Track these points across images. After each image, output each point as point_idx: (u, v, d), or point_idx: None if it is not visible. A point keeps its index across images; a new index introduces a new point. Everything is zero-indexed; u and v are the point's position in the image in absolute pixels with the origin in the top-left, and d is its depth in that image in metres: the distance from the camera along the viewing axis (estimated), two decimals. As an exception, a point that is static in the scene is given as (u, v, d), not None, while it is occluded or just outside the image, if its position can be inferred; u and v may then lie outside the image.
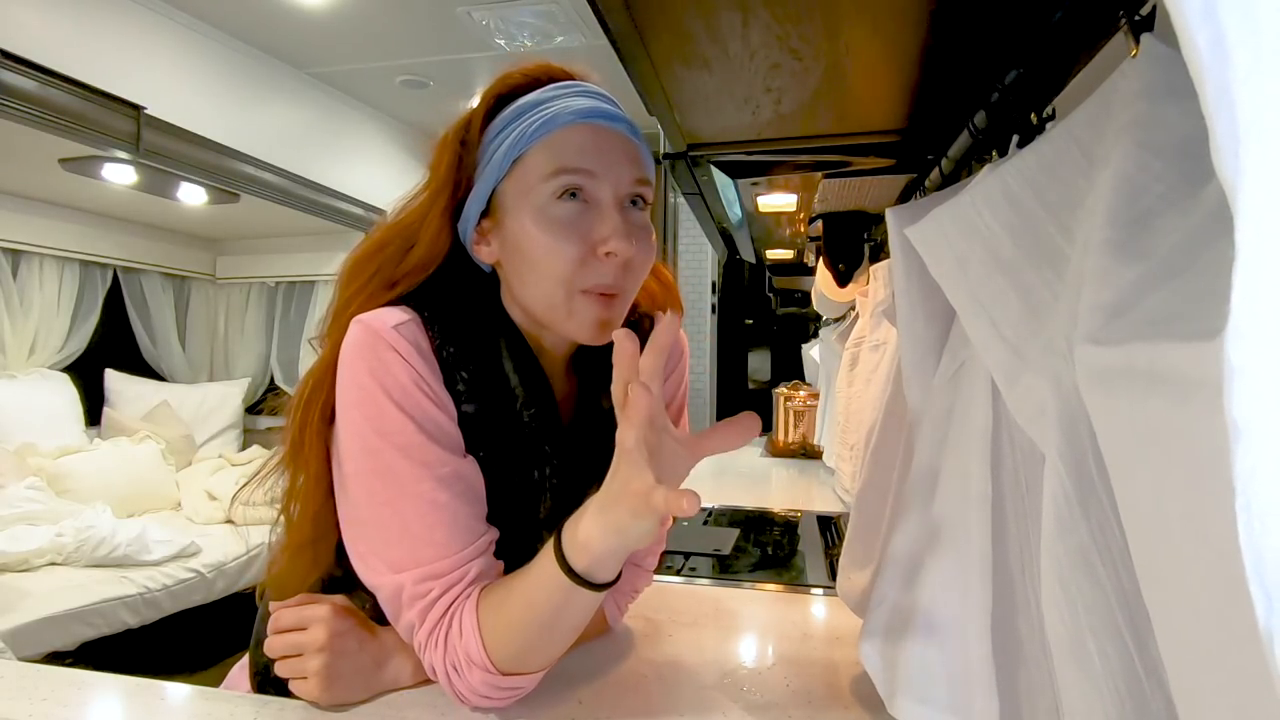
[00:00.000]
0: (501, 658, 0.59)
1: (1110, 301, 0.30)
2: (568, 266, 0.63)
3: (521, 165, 0.65)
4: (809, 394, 2.47)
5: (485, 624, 0.59)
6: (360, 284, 0.67)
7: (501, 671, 0.59)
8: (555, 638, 0.61)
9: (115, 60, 2.31)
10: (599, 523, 0.54)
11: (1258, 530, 0.16)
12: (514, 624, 0.58)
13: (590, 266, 0.63)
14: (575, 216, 0.63)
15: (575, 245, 0.63)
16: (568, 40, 2.62)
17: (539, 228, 0.63)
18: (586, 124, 0.64)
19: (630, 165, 0.65)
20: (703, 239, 4.35)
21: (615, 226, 0.62)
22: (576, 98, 0.65)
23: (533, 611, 0.58)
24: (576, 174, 0.63)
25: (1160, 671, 0.30)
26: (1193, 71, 0.18)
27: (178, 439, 3.38)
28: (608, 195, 0.64)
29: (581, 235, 0.63)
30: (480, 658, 0.59)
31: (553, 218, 0.63)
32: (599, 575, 0.57)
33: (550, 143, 0.64)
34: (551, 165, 0.63)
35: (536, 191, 0.63)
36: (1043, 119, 0.57)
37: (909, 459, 0.64)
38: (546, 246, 0.63)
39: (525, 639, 0.59)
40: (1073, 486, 0.34)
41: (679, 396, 0.83)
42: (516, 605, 0.59)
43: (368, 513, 0.62)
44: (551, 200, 0.63)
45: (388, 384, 0.61)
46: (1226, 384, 0.16)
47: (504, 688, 0.61)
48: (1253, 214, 0.17)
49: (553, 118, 0.64)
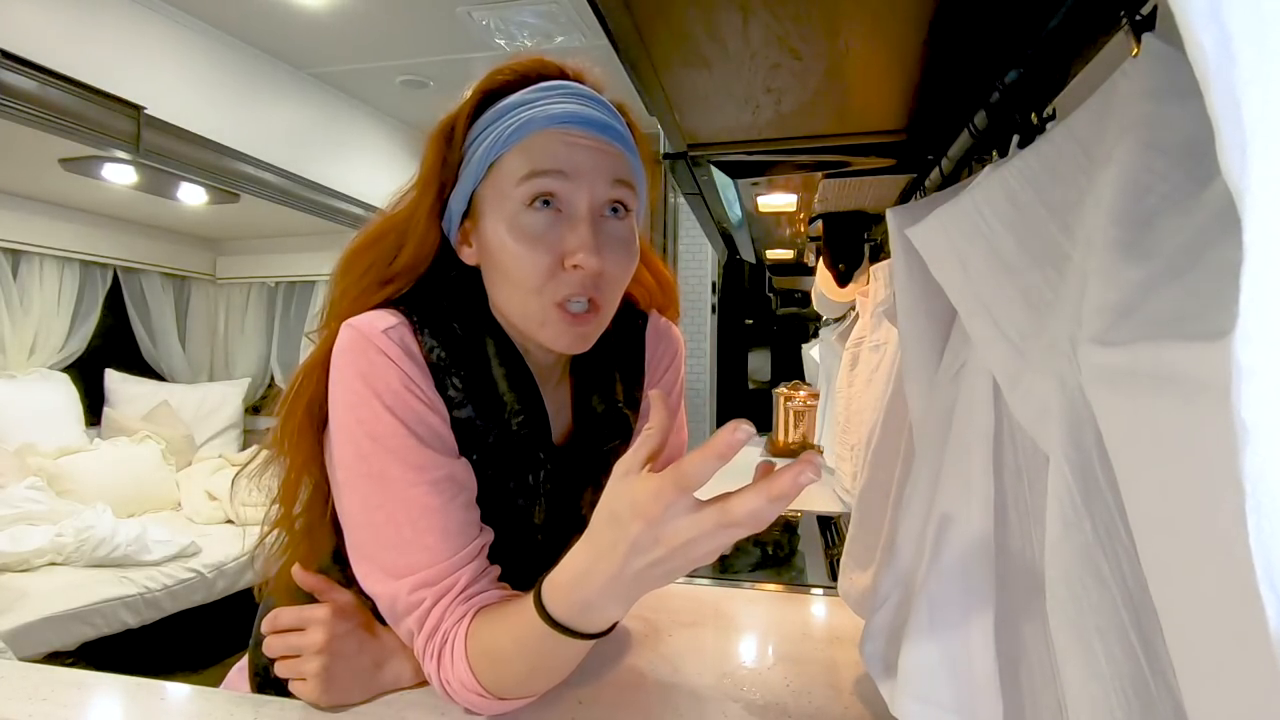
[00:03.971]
0: (493, 687, 0.59)
1: (1115, 302, 0.30)
2: (537, 278, 0.62)
3: (498, 169, 0.64)
4: (809, 394, 2.46)
5: (476, 660, 0.58)
6: (355, 277, 0.67)
7: (497, 696, 0.59)
8: (553, 673, 0.61)
9: (115, 60, 2.30)
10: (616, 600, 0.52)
11: (1267, 531, 0.15)
12: (506, 663, 0.58)
13: (559, 278, 0.62)
14: (546, 227, 0.62)
15: (544, 256, 0.61)
16: (568, 40, 2.62)
17: (511, 236, 0.62)
18: (562, 129, 0.63)
19: (607, 170, 0.63)
20: (703, 239, 4.35)
21: (583, 240, 0.61)
22: (557, 101, 0.64)
23: (523, 652, 0.57)
24: (548, 177, 0.62)
25: (1168, 673, 0.30)
26: (1198, 72, 0.18)
27: (178, 439, 3.38)
28: (582, 203, 0.62)
29: (550, 246, 0.62)
30: (473, 685, 0.58)
31: (523, 227, 0.62)
32: (600, 626, 0.55)
33: (525, 147, 0.63)
34: (524, 169, 0.62)
35: (510, 197, 0.62)
36: (1043, 119, 0.57)
37: (909, 459, 0.64)
38: (516, 255, 0.62)
39: (517, 676, 0.58)
40: (1077, 487, 0.34)
41: (674, 394, 0.83)
42: (507, 646, 0.57)
43: (362, 517, 0.62)
44: (523, 208, 0.62)
45: (378, 387, 0.61)
46: (1235, 385, 0.16)
47: (499, 707, 0.61)
48: (1260, 215, 0.17)
49: (528, 121, 0.62)
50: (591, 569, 0.51)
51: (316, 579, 0.68)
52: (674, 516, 0.46)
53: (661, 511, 0.46)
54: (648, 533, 0.47)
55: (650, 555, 0.48)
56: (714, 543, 0.47)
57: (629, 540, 0.48)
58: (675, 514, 0.46)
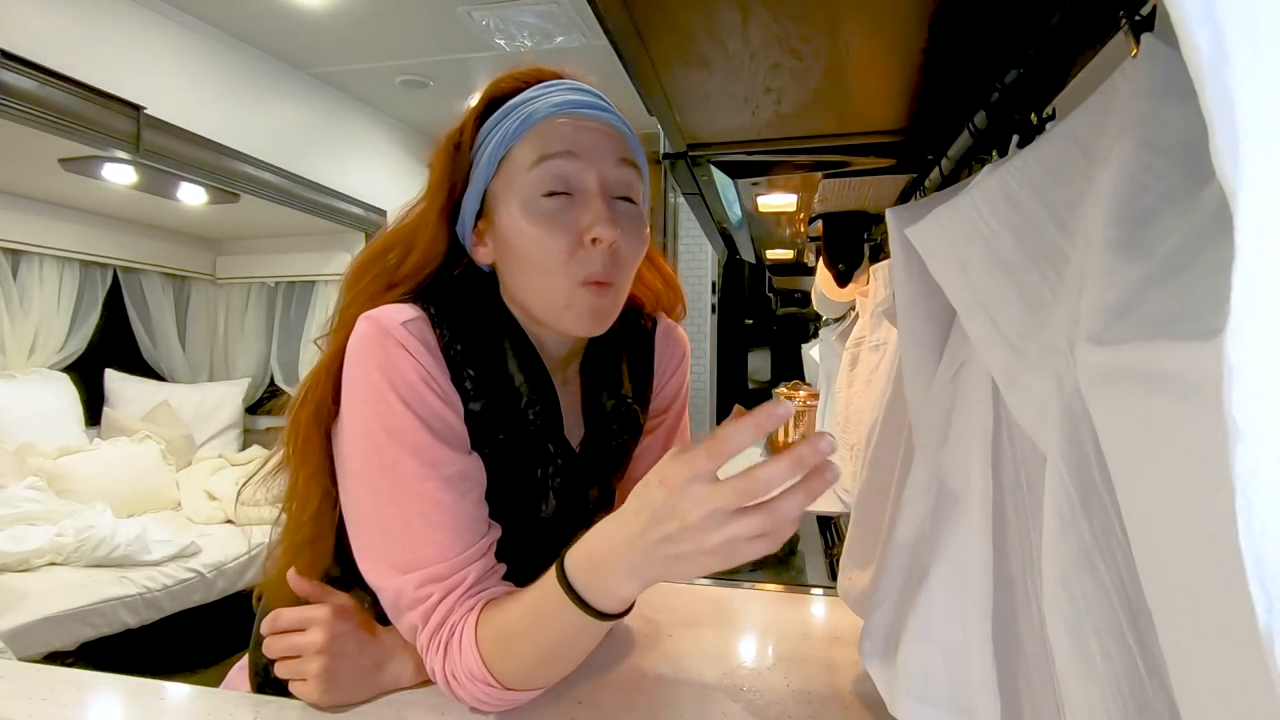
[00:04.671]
0: (504, 676, 0.59)
1: (1112, 301, 0.30)
2: (559, 258, 0.63)
3: (508, 162, 0.66)
4: (809, 394, 2.46)
5: (489, 647, 0.58)
6: (362, 286, 0.69)
7: (505, 686, 0.59)
8: (564, 661, 0.60)
9: (115, 60, 2.31)
10: (637, 580, 0.52)
11: (1258, 530, 0.16)
12: (519, 644, 0.58)
13: (580, 256, 0.63)
14: (561, 209, 0.64)
15: (563, 236, 0.63)
16: (568, 40, 2.62)
17: (528, 221, 0.64)
18: (566, 115, 0.65)
19: (612, 150, 0.66)
20: (703, 239, 4.35)
21: (599, 213, 0.63)
22: (558, 93, 0.66)
23: (536, 630, 0.57)
24: (558, 158, 0.64)
25: (1163, 672, 0.30)
26: (1193, 71, 0.18)
27: (178, 439, 3.38)
28: (592, 183, 0.64)
29: (567, 226, 0.63)
30: (482, 674, 0.58)
31: (539, 211, 0.64)
32: (613, 602, 0.55)
33: (533, 136, 0.65)
34: (534, 155, 0.64)
35: (523, 184, 0.64)
36: (1043, 119, 0.57)
37: (909, 459, 0.64)
38: (536, 239, 0.63)
39: (527, 659, 0.58)
40: (1074, 486, 0.34)
41: (680, 397, 0.84)
42: (521, 626, 0.57)
43: (371, 510, 0.62)
44: (537, 196, 0.64)
45: (396, 381, 0.61)
46: (1226, 384, 0.16)
47: (505, 699, 0.60)
48: (1252, 214, 0.17)
49: (533, 112, 0.65)
50: (613, 534, 0.52)
51: (312, 587, 0.68)
52: (694, 484, 0.46)
53: (685, 479, 0.46)
54: (667, 502, 0.47)
55: (666, 528, 0.47)
56: (729, 529, 0.46)
57: (651, 508, 0.48)
58: (696, 483, 0.46)
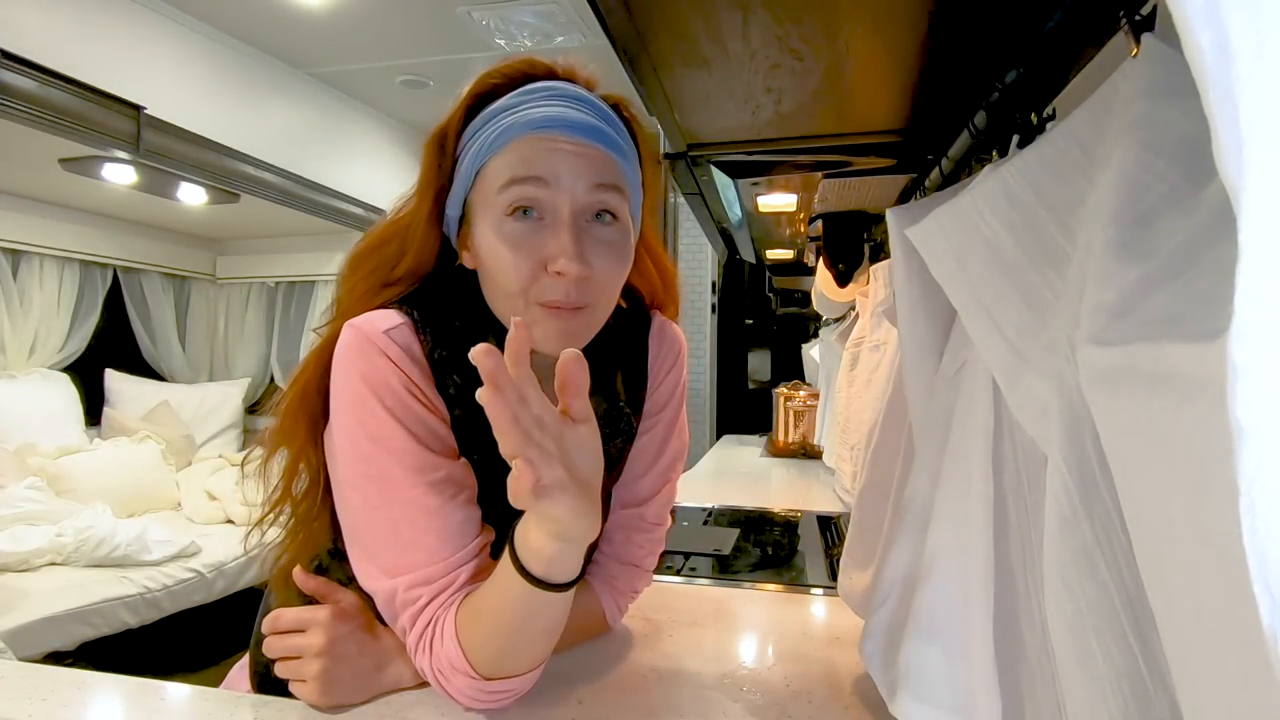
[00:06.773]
0: (481, 663, 0.59)
1: (1113, 302, 0.30)
2: (520, 281, 0.61)
3: (483, 176, 0.64)
4: (809, 394, 2.47)
5: (462, 631, 0.59)
6: (360, 277, 0.68)
7: (484, 676, 0.60)
8: (531, 641, 0.60)
9: (115, 60, 2.30)
10: (541, 530, 0.55)
11: (1261, 531, 0.15)
12: (487, 631, 0.59)
13: (542, 282, 0.61)
14: (528, 233, 0.61)
15: (525, 261, 0.61)
16: (568, 40, 2.62)
17: (495, 239, 0.62)
18: (542, 134, 0.62)
19: (588, 174, 0.62)
20: (703, 239, 4.35)
21: (564, 246, 0.60)
22: (538, 105, 0.63)
23: (502, 618, 0.58)
24: (527, 184, 0.61)
25: (1164, 672, 0.30)
26: (1195, 71, 0.18)
27: (178, 439, 3.38)
28: (564, 208, 0.61)
29: (530, 251, 0.61)
30: (461, 664, 0.59)
31: (504, 233, 0.62)
32: (558, 576, 0.57)
33: (506, 154, 0.62)
34: (504, 177, 0.62)
35: (493, 205, 0.62)
36: (1043, 119, 0.57)
37: (909, 459, 0.64)
38: (500, 260, 0.62)
39: (500, 645, 0.59)
40: (1075, 487, 0.34)
41: (676, 395, 0.83)
42: (487, 612, 0.59)
43: (361, 516, 0.62)
44: (504, 217, 0.62)
45: (379, 389, 0.61)
46: (1229, 384, 0.16)
47: (491, 691, 0.61)
48: (1256, 214, 0.17)
49: (508, 128, 0.62)
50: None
51: (318, 582, 0.68)
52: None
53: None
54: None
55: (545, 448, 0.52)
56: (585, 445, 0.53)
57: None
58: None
